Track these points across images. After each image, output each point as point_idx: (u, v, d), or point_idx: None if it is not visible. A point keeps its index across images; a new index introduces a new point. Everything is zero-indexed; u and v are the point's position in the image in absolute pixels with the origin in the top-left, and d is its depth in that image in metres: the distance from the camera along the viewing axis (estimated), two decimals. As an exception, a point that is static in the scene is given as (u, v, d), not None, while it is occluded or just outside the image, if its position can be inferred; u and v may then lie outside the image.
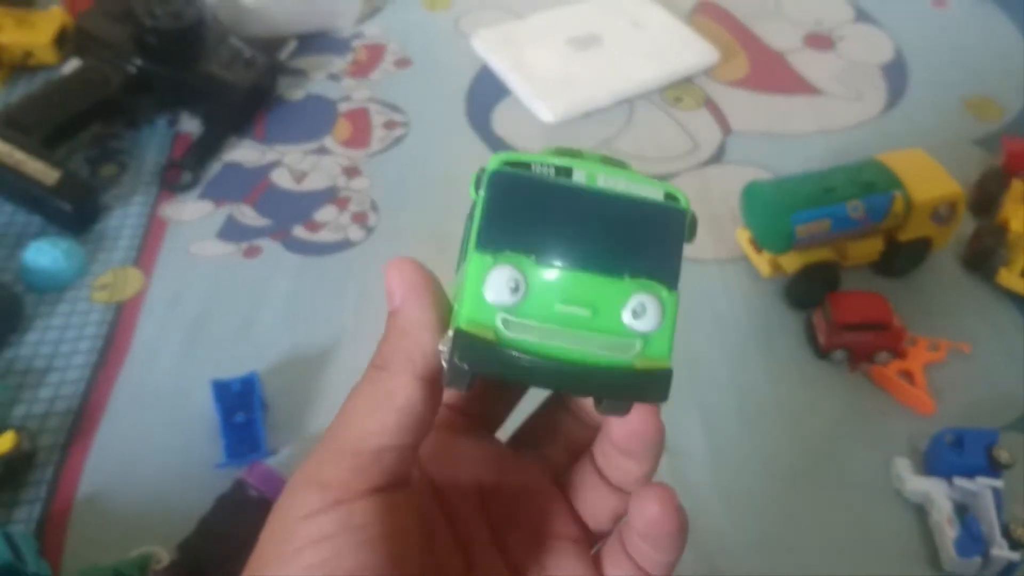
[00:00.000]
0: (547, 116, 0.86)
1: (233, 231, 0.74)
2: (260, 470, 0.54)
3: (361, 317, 0.67)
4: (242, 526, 0.51)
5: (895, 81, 0.94)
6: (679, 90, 0.92)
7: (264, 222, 0.75)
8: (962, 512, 0.55)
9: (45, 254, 0.68)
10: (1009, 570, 0.52)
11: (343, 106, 0.88)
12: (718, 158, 0.84)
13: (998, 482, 0.55)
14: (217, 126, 0.83)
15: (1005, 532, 0.53)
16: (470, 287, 0.23)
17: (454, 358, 0.23)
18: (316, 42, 0.95)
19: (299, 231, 0.75)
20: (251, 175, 0.80)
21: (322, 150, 0.83)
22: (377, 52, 0.95)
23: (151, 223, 0.75)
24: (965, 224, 0.73)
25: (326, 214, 0.76)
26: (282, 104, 0.87)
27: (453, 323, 0.24)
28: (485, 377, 0.23)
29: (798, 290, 0.69)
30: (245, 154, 0.82)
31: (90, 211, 0.74)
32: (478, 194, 0.24)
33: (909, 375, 0.64)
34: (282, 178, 0.80)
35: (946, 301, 0.71)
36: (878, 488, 0.58)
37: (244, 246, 0.73)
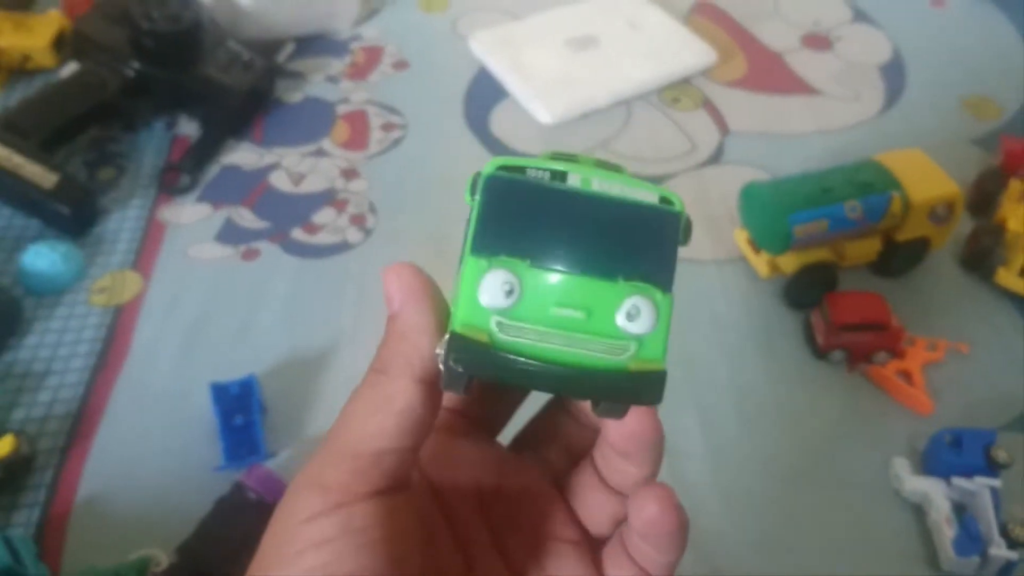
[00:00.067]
0: (545, 117, 0.86)
1: (231, 234, 0.74)
2: (259, 473, 0.54)
3: (359, 319, 0.67)
4: (241, 529, 0.51)
5: (893, 81, 0.94)
6: (677, 91, 0.92)
7: (262, 224, 0.75)
8: (960, 512, 0.55)
9: (43, 257, 0.68)
10: (1007, 569, 0.52)
11: (341, 108, 0.88)
12: (716, 159, 0.84)
13: (996, 482, 0.55)
14: (215, 129, 0.83)
15: (1003, 531, 0.53)
16: (465, 291, 0.23)
17: (449, 361, 0.23)
18: (314, 44, 0.95)
19: (297, 233, 0.75)
20: (249, 178, 0.80)
21: (320, 152, 0.83)
22: (375, 54, 0.95)
23: (149, 226, 0.75)
24: (963, 224, 0.73)
25: (324, 216, 0.76)
26: (280, 107, 0.87)
27: (451, 325, 0.24)
28: (481, 380, 0.23)
29: (796, 290, 0.69)
30: (243, 157, 0.82)
31: (88, 214, 0.74)
32: (473, 198, 0.24)
33: (907, 375, 0.64)
34: (280, 180, 0.80)
35: (944, 301, 0.71)
36: (877, 488, 0.58)
37: (242, 249, 0.73)
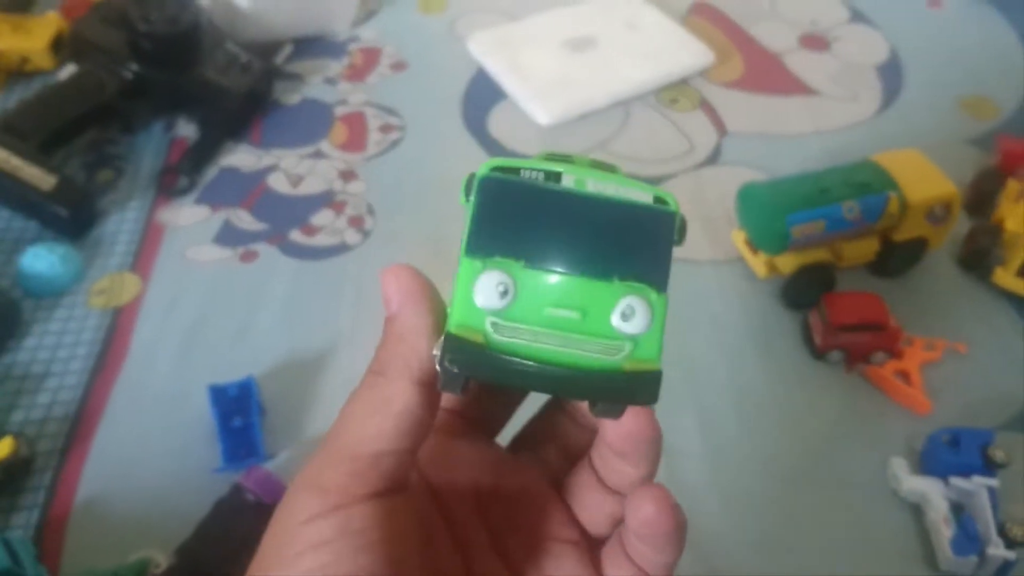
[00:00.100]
0: (543, 118, 0.86)
1: (230, 236, 0.74)
2: (258, 474, 0.54)
3: (358, 321, 0.67)
4: (240, 530, 0.52)
5: (890, 81, 0.94)
6: (675, 92, 0.92)
7: (260, 226, 0.75)
8: (958, 511, 0.55)
9: (42, 259, 0.68)
10: (1005, 569, 0.52)
11: (339, 110, 0.88)
12: (714, 159, 0.84)
13: (994, 481, 0.55)
14: (213, 131, 0.83)
15: (1001, 531, 0.53)
16: (460, 292, 0.23)
17: (444, 362, 0.23)
18: (312, 46, 0.95)
19: (295, 235, 0.75)
20: (247, 180, 0.80)
21: (318, 154, 0.83)
22: (373, 56, 0.95)
23: (148, 228, 0.75)
24: (961, 224, 0.73)
25: (322, 218, 0.76)
26: (278, 108, 0.87)
27: (446, 327, 0.24)
28: (478, 381, 0.23)
29: (794, 291, 0.69)
30: (241, 159, 0.82)
31: (87, 216, 0.74)
32: (468, 200, 0.24)
33: (905, 375, 0.64)
34: (278, 182, 0.80)
35: (942, 301, 0.71)
36: (875, 488, 0.58)
37: (241, 251, 0.73)
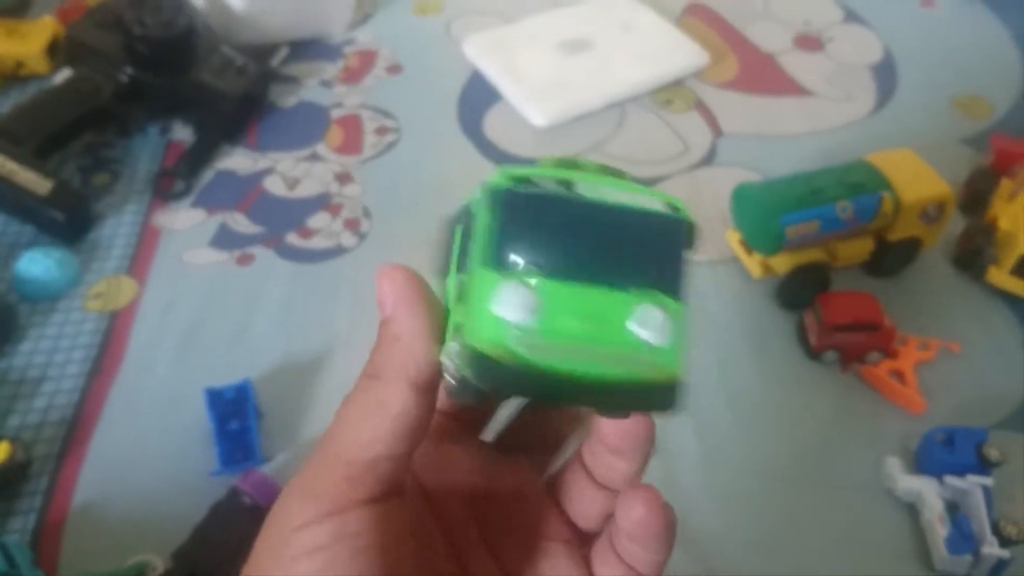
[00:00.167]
0: (538, 120, 0.86)
1: (226, 239, 0.75)
2: (254, 477, 0.54)
3: (354, 323, 0.68)
4: (237, 534, 0.52)
5: (885, 81, 0.95)
6: (670, 93, 0.92)
7: (257, 229, 0.76)
8: (953, 510, 0.55)
9: (38, 264, 0.68)
10: (999, 568, 0.53)
11: (335, 113, 0.88)
12: (709, 160, 0.84)
13: (988, 480, 0.55)
14: (209, 134, 0.83)
15: (995, 530, 0.53)
16: (481, 305, 0.23)
17: (467, 377, 0.22)
18: (308, 49, 0.95)
19: (292, 238, 0.75)
20: (244, 183, 0.80)
21: (314, 157, 0.83)
22: (369, 58, 0.95)
23: (144, 232, 0.75)
24: (955, 223, 0.73)
25: (319, 221, 0.76)
26: (274, 111, 0.88)
27: (467, 340, 0.23)
28: (497, 394, 0.23)
29: (789, 291, 0.69)
30: (238, 162, 0.82)
31: (83, 220, 0.74)
32: (481, 210, 0.24)
33: (900, 375, 0.64)
34: (275, 185, 0.80)
35: (936, 300, 0.71)
36: (870, 488, 0.59)
37: (237, 254, 0.73)
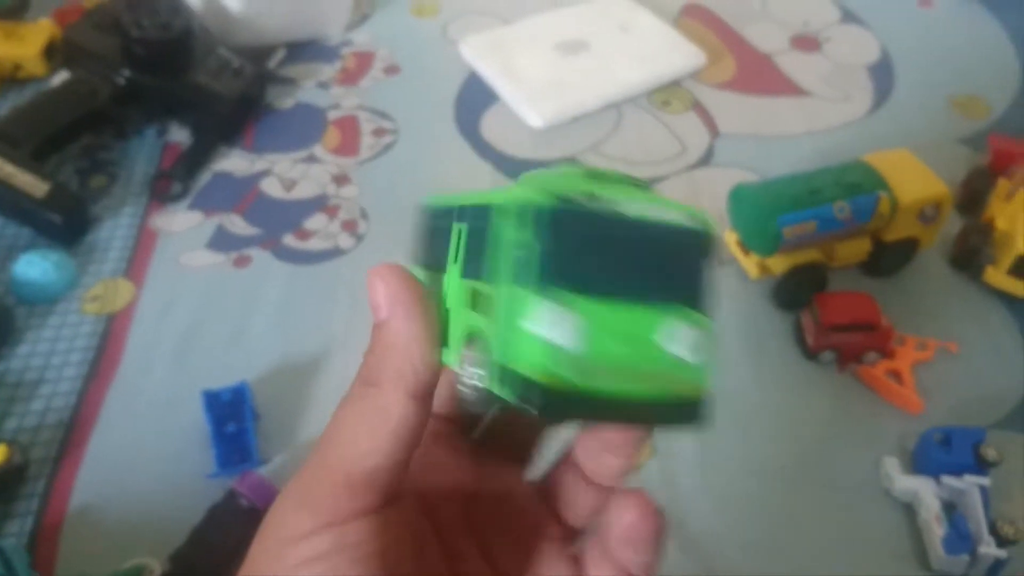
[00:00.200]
0: (535, 121, 0.86)
1: (223, 241, 0.75)
2: (251, 480, 0.54)
3: (352, 325, 0.68)
4: (234, 536, 0.52)
5: (882, 81, 0.95)
6: (667, 93, 0.92)
7: (254, 231, 0.75)
8: (950, 510, 0.56)
9: (35, 266, 0.68)
10: (996, 568, 0.53)
11: (332, 114, 0.88)
12: (706, 161, 0.84)
13: (985, 480, 0.55)
14: (206, 136, 0.83)
15: (992, 530, 0.53)
16: (520, 326, 0.22)
17: (525, 407, 0.22)
18: (305, 50, 0.95)
19: (289, 240, 0.75)
20: (241, 184, 0.80)
21: (311, 158, 0.83)
22: (366, 60, 0.95)
23: (141, 234, 0.75)
24: (952, 223, 0.73)
25: (316, 222, 0.76)
26: (271, 113, 0.88)
27: (506, 362, 0.23)
28: (540, 417, 0.23)
29: (786, 291, 0.69)
30: (235, 163, 0.82)
31: (80, 223, 0.74)
32: (510, 223, 0.23)
33: (897, 375, 0.64)
34: (272, 187, 0.80)
35: (933, 300, 0.71)
36: (867, 488, 0.59)
37: (234, 256, 0.73)
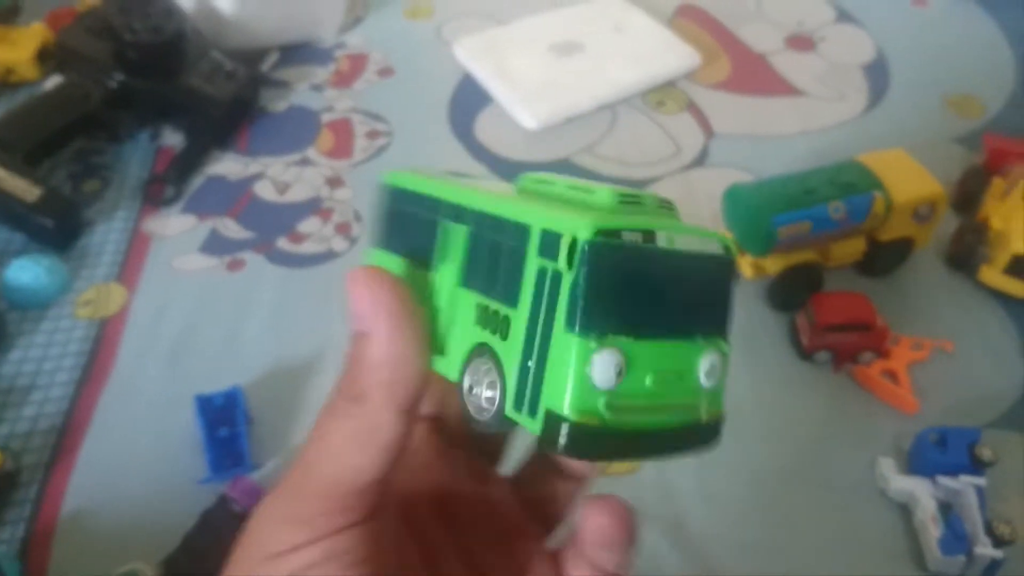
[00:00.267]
0: (530, 123, 0.86)
1: (216, 245, 0.74)
2: (243, 485, 0.53)
3: (346, 329, 0.67)
4: (226, 541, 0.51)
5: (877, 81, 0.94)
6: (661, 94, 0.92)
7: (247, 235, 0.75)
8: (946, 511, 0.55)
9: (27, 271, 0.68)
10: (993, 568, 0.52)
11: (326, 116, 0.88)
12: (701, 161, 0.84)
13: (981, 480, 0.55)
14: (199, 139, 0.82)
15: (988, 530, 0.53)
16: (575, 372, 0.22)
17: (565, 450, 0.22)
18: (298, 53, 0.95)
19: (282, 243, 0.75)
20: (234, 188, 0.80)
21: (305, 161, 0.83)
22: (359, 62, 0.95)
23: (134, 238, 0.75)
24: (947, 222, 0.73)
25: (309, 225, 0.76)
26: (265, 116, 0.87)
27: (547, 401, 0.22)
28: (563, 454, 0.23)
29: (781, 292, 0.69)
30: (228, 167, 0.82)
31: (72, 227, 0.74)
32: (567, 266, 0.22)
33: (893, 375, 0.64)
34: (265, 190, 0.80)
35: (929, 300, 0.71)
36: (863, 488, 0.58)
37: (227, 259, 0.73)
